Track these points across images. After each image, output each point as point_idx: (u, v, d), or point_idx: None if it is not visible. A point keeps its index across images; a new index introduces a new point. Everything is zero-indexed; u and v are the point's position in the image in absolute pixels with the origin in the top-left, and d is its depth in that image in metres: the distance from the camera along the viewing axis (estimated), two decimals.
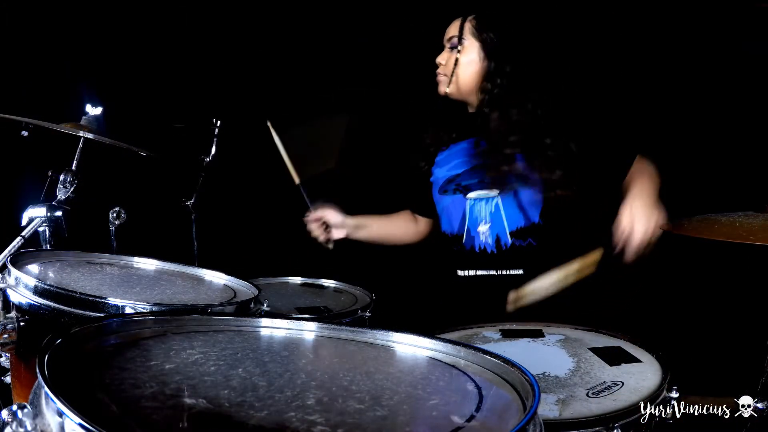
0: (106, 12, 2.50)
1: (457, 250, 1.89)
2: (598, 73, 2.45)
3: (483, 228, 1.84)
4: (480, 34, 1.84)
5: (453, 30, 1.88)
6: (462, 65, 1.85)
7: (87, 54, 2.46)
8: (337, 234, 1.99)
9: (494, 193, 1.83)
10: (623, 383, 1.10)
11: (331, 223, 1.98)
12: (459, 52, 1.84)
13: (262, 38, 2.71)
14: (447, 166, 1.94)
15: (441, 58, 1.90)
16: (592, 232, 1.78)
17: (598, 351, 1.27)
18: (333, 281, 2.17)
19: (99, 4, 2.49)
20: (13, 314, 1.13)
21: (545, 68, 1.98)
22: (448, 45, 1.89)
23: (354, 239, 2.02)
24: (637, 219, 1.52)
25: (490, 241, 1.83)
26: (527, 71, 1.85)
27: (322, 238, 2.00)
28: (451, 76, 1.86)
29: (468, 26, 1.86)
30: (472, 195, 1.86)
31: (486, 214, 1.84)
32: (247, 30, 2.71)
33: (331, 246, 2.00)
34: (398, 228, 2.14)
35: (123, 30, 2.54)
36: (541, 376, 1.14)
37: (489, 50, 1.83)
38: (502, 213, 1.82)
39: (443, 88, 1.90)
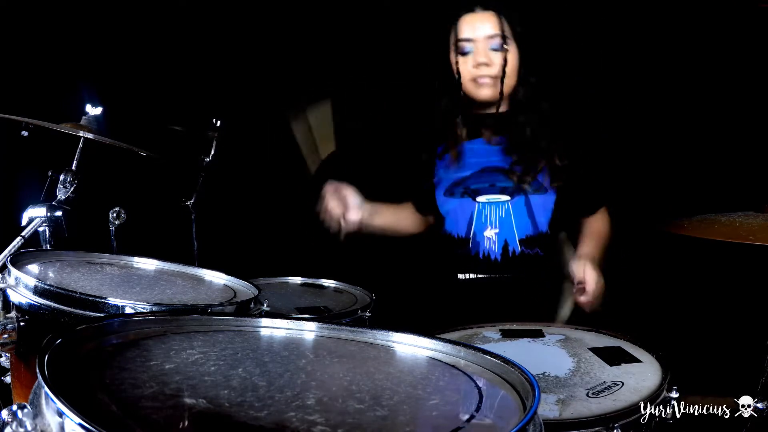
0: (106, 12, 2.50)
1: (460, 254, 1.88)
2: (597, 71, 2.45)
3: (490, 233, 1.81)
4: (516, 33, 1.77)
5: (490, 27, 1.75)
6: (509, 67, 1.76)
7: (87, 54, 2.46)
8: (353, 216, 1.80)
9: (505, 197, 1.81)
10: (623, 383, 1.10)
11: (349, 202, 1.80)
12: (507, 51, 1.74)
13: (263, 38, 2.71)
14: (453, 167, 1.90)
15: (484, 58, 1.75)
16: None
17: (598, 351, 1.27)
18: (333, 281, 2.16)
19: (99, 4, 2.49)
20: (13, 314, 1.13)
21: (560, 67, 1.98)
22: (488, 44, 1.75)
23: (365, 228, 1.88)
24: (589, 278, 1.60)
25: (496, 247, 1.81)
26: (554, 70, 1.84)
27: (337, 213, 1.80)
28: (503, 78, 1.76)
29: (506, 25, 1.76)
30: (481, 199, 1.83)
31: (495, 219, 1.81)
32: (247, 29, 2.71)
33: (342, 236, 1.82)
34: (406, 218, 2.07)
35: (123, 30, 2.54)
36: (541, 376, 1.14)
37: (524, 50, 1.78)
38: (512, 219, 1.80)
39: (490, 93, 1.78)
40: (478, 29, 1.77)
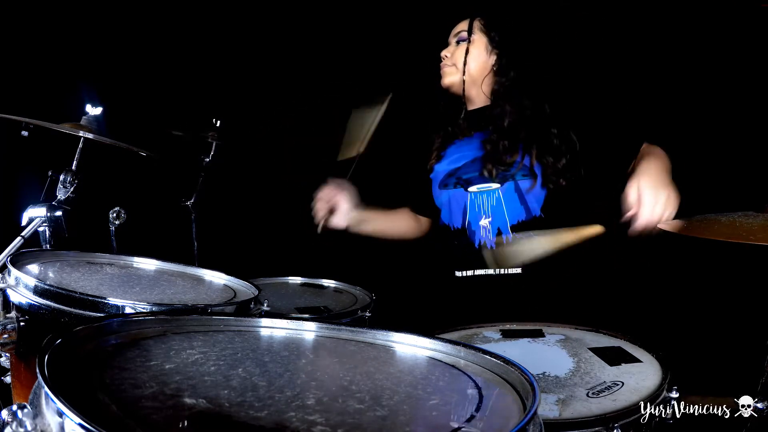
0: (106, 12, 2.50)
1: (457, 244, 1.89)
2: (601, 70, 2.45)
3: (484, 222, 1.84)
4: (488, 32, 1.92)
5: (462, 27, 1.95)
6: (471, 56, 1.90)
7: (87, 54, 2.46)
8: (338, 221, 1.90)
9: (495, 185, 1.83)
10: (623, 383, 1.10)
11: (339, 208, 1.90)
12: (469, 43, 1.90)
13: (263, 39, 2.71)
14: (447, 160, 1.94)
15: (447, 51, 1.96)
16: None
17: (598, 351, 1.27)
18: (333, 281, 2.17)
19: (99, 4, 2.49)
20: (13, 314, 1.13)
21: (552, 62, 2.00)
22: (455, 40, 1.95)
23: (353, 232, 1.96)
24: (645, 198, 1.47)
25: (491, 236, 1.83)
26: (535, 66, 1.89)
27: (320, 216, 1.90)
28: (464, 66, 1.90)
29: (477, 24, 1.93)
30: (473, 188, 1.86)
31: (488, 208, 1.84)
32: (247, 29, 2.71)
33: (319, 230, 1.90)
34: (399, 225, 2.13)
35: (123, 30, 2.54)
36: (541, 376, 1.14)
37: (495, 46, 1.90)
38: (504, 206, 1.82)
39: (449, 79, 1.94)
40: (454, 32, 1.97)
